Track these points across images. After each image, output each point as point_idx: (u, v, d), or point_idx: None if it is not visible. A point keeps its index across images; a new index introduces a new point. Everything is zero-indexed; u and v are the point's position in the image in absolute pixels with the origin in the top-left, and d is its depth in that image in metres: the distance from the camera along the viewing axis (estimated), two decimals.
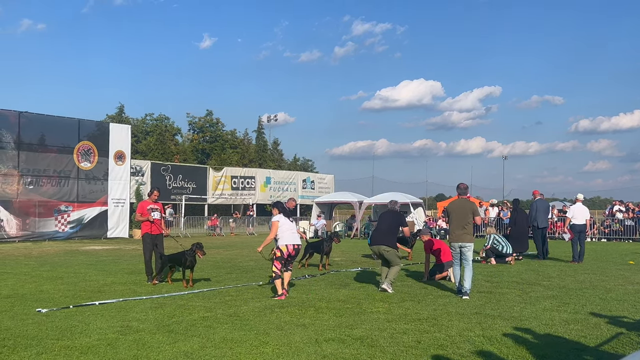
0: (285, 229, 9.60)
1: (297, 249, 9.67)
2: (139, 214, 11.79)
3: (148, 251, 11.64)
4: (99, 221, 27.78)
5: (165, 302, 9.08)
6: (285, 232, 9.59)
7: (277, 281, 9.57)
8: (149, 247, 11.64)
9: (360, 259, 16.90)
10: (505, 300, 9.30)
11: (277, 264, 9.61)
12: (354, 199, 31.21)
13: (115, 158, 28.63)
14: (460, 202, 9.78)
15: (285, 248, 9.55)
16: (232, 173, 43.48)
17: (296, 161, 65.89)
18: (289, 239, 9.58)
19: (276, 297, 9.43)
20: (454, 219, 9.65)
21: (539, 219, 17.10)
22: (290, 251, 9.57)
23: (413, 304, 8.94)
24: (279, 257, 9.60)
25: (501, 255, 15.31)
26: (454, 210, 9.65)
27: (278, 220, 9.64)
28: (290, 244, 9.57)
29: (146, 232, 11.65)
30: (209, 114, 58.80)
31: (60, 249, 20.96)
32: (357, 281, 11.62)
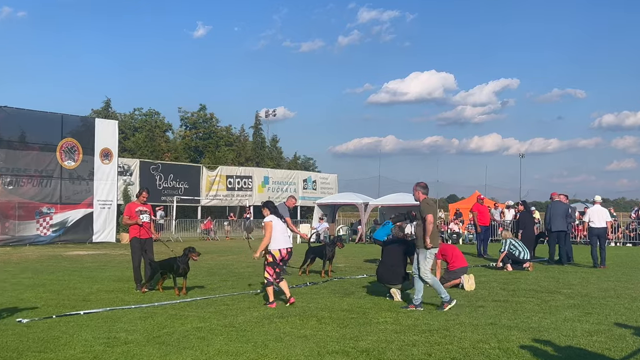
0: (277, 231, 9.61)
1: (291, 252, 9.73)
2: (126, 216, 11.81)
3: (137, 257, 11.66)
4: (83, 224, 27.82)
5: (156, 311, 9.08)
6: (277, 234, 9.60)
7: (269, 288, 9.62)
8: (137, 252, 11.65)
9: (365, 265, 16.90)
10: (522, 309, 9.29)
11: (270, 270, 9.64)
12: (358, 200, 31.22)
13: (101, 156, 28.68)
14: (433, 202, 9.78)
15: (279, 253, 9.55)
16: (227, 172, 43.50)
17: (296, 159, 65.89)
18: (281, 242, 9.60)
19: (268, 304, 9.50)
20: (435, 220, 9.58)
21: (553, 222, 17.11)
22: (283, 255, 9.59)
23: (423, 313, 8.94)
24: (271, 262, 9.62)
25: (518, 261, 15.30)
26: (435, 212, 9.58)
27: (271, 221, 9.65)
28: (283, 248, 9.58)
29: (134, 237, 11.66)
30: (203, 109, 58.86)
31: (42, 254, 20.99)
32: (362, 289, 11.62)
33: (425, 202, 9.50)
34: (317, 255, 14.44)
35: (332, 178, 52.41)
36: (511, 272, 14.86)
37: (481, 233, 20.36)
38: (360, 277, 13.75)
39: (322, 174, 54.47)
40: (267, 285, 9.64)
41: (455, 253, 12.23)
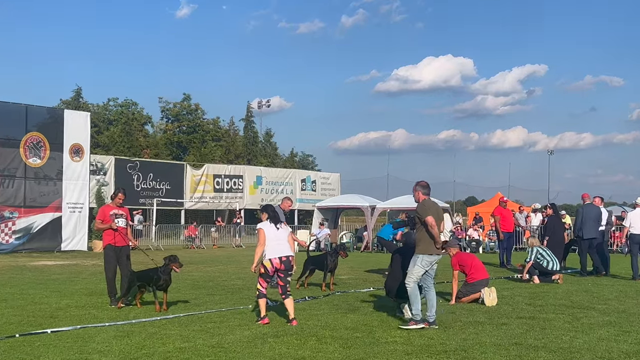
0: (270, 239, 9.62)
1: (287, 261, 9.62)
2: (99, 220, 11.81)
3: (111, 267, 11.65)
4: (51, 230, 27.82)
5: (133, 329, 9.08)
6: (269, 242, 9.61)
7: (261, 301, 9.65)
8: (112, 262, 11.65)
9: (372, 277, 16.90)
10: (551, 327, 9.29)
11: (262, 282, 9.68)
12: (364, 203, 31.23)
13: (71, 153, 28.69)
14: (435, 204, 9.69)
15: (270, 263, 9.54)
16: (214, 171, 43.53)
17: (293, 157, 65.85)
18: (273, 251, 9.58)
19: (259, 320, 9.53)
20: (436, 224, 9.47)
21: (585, 229, 17.11)
22: (276, 266, 9.55)
23: (438, 332, 8.94)
24: (263, 273, 9.64)
25: (546, 273, 15.30)
26: (435, 214, 9.48)
27: (262, 228, 9.69)
28: (275, 257, 9.55)
29: (109, 244, 11.66)
30: (186, 99, 58.81)
31: (3, 264, 20.99)
32: (368, 304, 11.62)
33: (422, 204, 9.46)
34: (316, 266, 14.43)
35: (334, 178, 52.43)
36: (538, 284, 14.86)
37: (504, 240, 20.36)
38: (366, 291, 13.74)
39: (323, 173, 54.49)
40: (258, 297, 9.69)
41: (475, 263, 12.23)
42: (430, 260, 9.34)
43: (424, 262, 9.32)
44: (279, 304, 11.35)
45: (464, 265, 12.17)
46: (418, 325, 9.08)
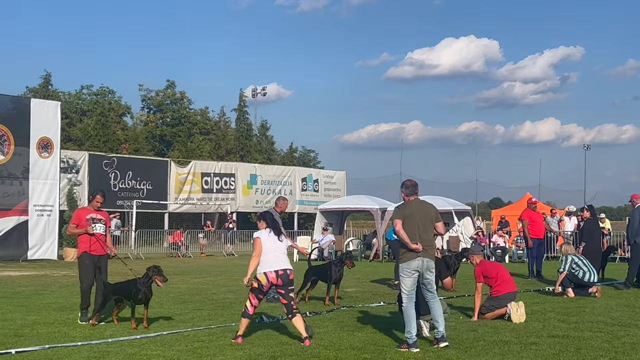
0: (266, 250, 9.63)
1: (285, 275, 9.61)
2: (73, 225, 11.81)
3: (87, 277, 11.62)
4: (16, 236, 27.84)
5: (109, 350, 9.08)
6: (266, 254, 9.62)
7: (244, 320, 9.72)
8: (88, 271, 11.62)
9: (382, 290, 16.89)
10: (587, 347, 9.28)
11: (253, 298, 9.72)
12: (374, 205, 31.22)
13: (38, 148, 28.71)
14: (418, 205, 9.69)
15: (265, 277, 9.54)
16: (202, 169, 43.58)
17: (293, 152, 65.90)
18: (270, 263, 9.59)
19: (234, 339, 9.61)
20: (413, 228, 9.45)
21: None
22: (272, 280, 9.54)
23: (458, 352, 8.93)
24: (256, 289, 9.66)
25: (582, 285, 15.28)
26: (411, 217, 9.51)
27: (259, 237, 9.70)
28: (271, 271, 9.55)
29: (85, 251, 11.65)
30: (170, 86, 58.89)
31: None
32: (378, 321, 11.62)
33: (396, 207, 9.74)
34: (319, 277, 14.42)
35: (340, 176, 52.47)
36: (573, 298, 14.84)
37: (533, 248, 20.33)
38: (375, 306, 13.74)
39: (327, 170, 54.53)
40: (243, 315, 9.75)
41: (501, 274, 12.20)
42: (411, 268, 9.33)
43: (405, 272, 9.37)
44: (276, 320, 11.36)
45: (488, 277, 12.14)
46: (411, 350, 9.00)
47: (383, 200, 32.33)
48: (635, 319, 11.81)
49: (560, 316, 12.16)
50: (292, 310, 9.65)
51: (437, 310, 9.44)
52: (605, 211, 51.01)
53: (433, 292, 9.52)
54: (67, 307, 13.36)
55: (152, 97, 58.48)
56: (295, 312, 9.68)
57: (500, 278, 12.10)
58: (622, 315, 12.34)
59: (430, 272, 9.44)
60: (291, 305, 9.69)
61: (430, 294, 9.51)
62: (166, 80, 60.44)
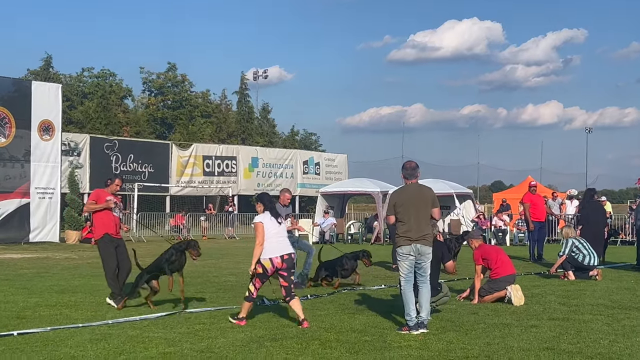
0: (269, 236, 9.61)
1: (289, 259, 9.64)
2: (91, 201, 11.72)
3: (112, 260, 11.47)
4: (17, 219, 27.87)
5: (111, 332, 9.10)
6: (268, 239, 9.60)
7: (247, 304, 9.73)
8: (111, 253, 11.48)
9: (383, 273, 16.92)
10: (588, 330, 9.29)
11: (257, 282, 9.72)
12: (375, 188, 31.23)
13: (40, 130, 28.68)
14: (415, 189, 9.66)
15: (270, 263, 9.54)
16: (204, 152, 43.54)
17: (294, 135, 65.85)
18: (275, 249, 9.59)
19: (235, 320, 9.62)
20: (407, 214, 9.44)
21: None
22: (277, 265, 9.54)
23: (458, 335, 8.95)
24: (260, 274, 9.66)
25: (582, 268, 15.30)
26: (405, 202, 9.51)
27: (262, 222, 9.66)
28: (276, 256, 9.55)
29: (106, 233, 11.53)
30: (172, 69, 58.79)
31: None
32: (379, 304, 11.65)
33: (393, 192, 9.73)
34: (330, 272, 14.23)
35: (341, 159, 52.42)
36: (573, 281, 14.86)
37: (534, 231, 20.34)
38: (376, 288, 13.75)
39: (328, 154, 54.48)
40: (246, 298, 9.75)
41: (500, 257, 12.22)
42: (403, 252, 9.34)
43: (400, 255, 9.42)
44: (277, 303, 11.38)
45: (488, 259, 12.15)
46: (412, 332, 9.02)
47: (384, 183, 32.32)
48: (635, 302, 11.83)
49: (561, 299, 12.18)
50: (291, 293, 9.67)
51: (425, 296, 9.40)
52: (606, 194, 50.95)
53: (424, 277, 9.47)
54: (68, 289, 13.38)
55: (153, 79, 58.41)
56: (294, 295, 9.71)
57: (500, 261, 12.11)
58: (623, 298, 12.36)
59: (423, 257, 9.40)
60: (290, 288, 9.70)
61: (421, 278, 9.46)
62: (167, 62, 60.41)
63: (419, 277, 9.47)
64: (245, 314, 9.73)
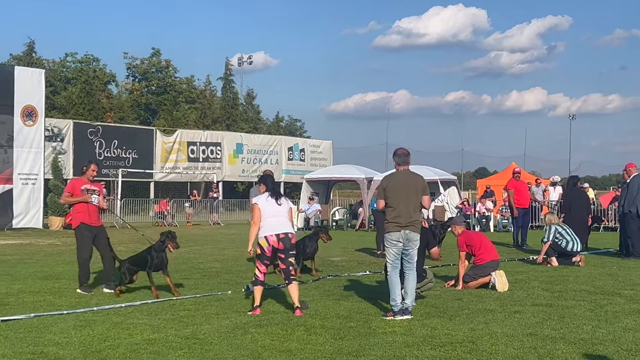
0: (267, 215, 9.59)
1: (286, 239, 9.55)
2: (67, 194, 11.69)
3: (87, 249, 11.51)
4: (0, 205, 27.71)
5: (95, 318, 9.09)
6: (265, 219, 9.58)
7: (256, 288, 9.64)
8: (88, 242, 11.52)
9: (368, 259, 16.96)
10: (571, 316, 9.36)
11: (260, 265, 9.66)
12: (360, 174, 31.24)
13: (22, 116, 28.50)
14: (406, 175, 9.68)
15: (266, 242, 9.50)
16: (188, 138, 43.39)
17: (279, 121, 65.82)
18: (269, 227, 9.54)
19: (251, 311, 9.52)
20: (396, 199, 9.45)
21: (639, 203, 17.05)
22: (273, 244, 9.49)
23: (442, 321, 9.00)
24: (260, 254, 9.63)
25: (566, 254, 15.39)
26: (395, 188, 9.53)
27: (257, 203, 9.67)
28: (271, 235, 9.49)
29: (82, 222, 11.53)
30: (156, 54, 58.51)
31: None
32: (364, 290, 11.68)
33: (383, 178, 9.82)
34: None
35: (326, 145, 52.40)
36: (557, 267, 14.95)
37: (518, 217, 20.43)
38: (361, 275, 13.78)
39: (313, 140, 54.42)
40: (254, 283, 9.70)
41: (484, 243, 12.26)
42: (392, 238, 9.34)
43: (388, 242, 9.41)
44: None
45: (472, 246, 12.20)
46: (396, 317, 9.05)
47: (369, 170, 32.34)
48: (618, 288, 11.91)
49: (544, 285, 12.25)
50: (290, 277, 9.66)
51: (411, 282, 9.43)
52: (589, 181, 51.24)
53: (411, 264, 9.49)
54: (52, 275, 13.34)
55: (137, 65, 58.12)
56: (293, 278, 9.69)
57: (484, 247, 12.16)
58: (605, 284, 12.44)
59: (411, 244, 9.42)
60: (289, 270, 9.68)
61: (408, 264, 9.49)
62: (151, 48, 60.11)
63: (405, 264, 9.48)
64: (259, 301, 9.58)
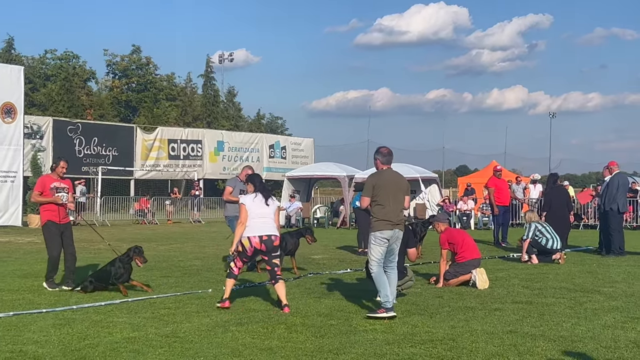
0: (253, 216, 9.63)
1: (269, 241, 9.60)
2: (37, 192, 11.68)
3: (56, 246, 11.54)
4: None
5: (75, 317, 9.05)
6: (251, 219, 9.62)
7: (229, 281, 9.77)
8: (56, 239, 11.55)
9: (349, 257, 16.97)
10: (550, 313, 9.42)
11: (238, 261, 9.76)
12: (341, 172, 31.27)
13: (2, 113, 28.33)
14: (393, 174, 9.63)
15: (248, 242, 9.56)
16: (169, 135, 43.27)
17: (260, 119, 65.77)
18: (253, 228, 9.59)
19: (219, 303, 9.65)
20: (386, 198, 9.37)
21: (620, 201, 17.19)
22: (255, 245, 9.55)
23: (423, 318, 9.02)
24: (241, 252, 9.68)
25: (546, 252, 15.47)
26: (384, 186, 9.44)
27: (244, 203, 9.71)
28: (254, 236, 9.55)
29: (50, 220, 11.55)
30: (136, 51, 58.28)
31: None
32: (345, 288, 11.69)
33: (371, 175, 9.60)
34: None
35: (307, 143, 52.40)
36: (537, 265, 15.02)
37: (499, 215, 20.52)
38: (342, 273, 13.80)
39: (294, 137, 54.45)
40: (228, 275, 9.81)
41: (466, 241, 12.30)
42: (383, 237, 9.29)
43: (378, 240, 9.31)
44: (242, 287, 11.40)
45: (453, 243, 12.22)
46: (388, 314, 9.00)
47: (350, 168, 32.39)
48: (597, 285, 12.00)
49: (524, 282, 12.31)
50: (276, 276, 9.70)
51: (393, 280, 9.44)
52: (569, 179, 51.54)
53: (393, 263, 9.52)
54: (31, 274, 13.26)
55: (117, 62, 57.88)
56: (279, 277, 9.73)
57: (465, 245, 12.19)
58: (585, 281, 12.52)
59: (397, 242, 9.47)
60: (275, 271, 9.73)
61: (390, 264, 9.50)
62: (132, 45, 59.92)
63: (387, 263, 9.48)
64: (228, 294, 9.70)
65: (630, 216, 27.66)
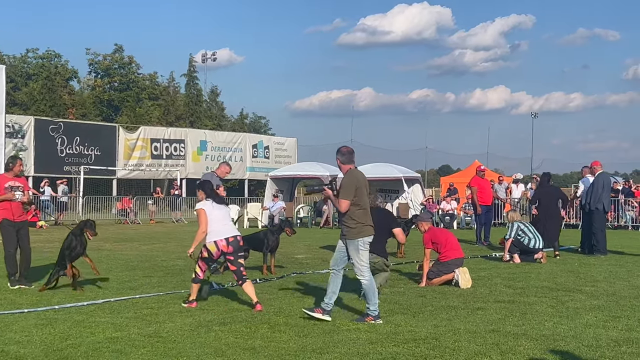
0: (214, 220, 9.65)
1: (235, 242, 9.65)
2: None
3: (12, 243, 11.76)
4: None
5: (57, 317, 9.01)
6: (213, 224, 9.63)
7: (195, 285, 9.86)
8: (12, 237, 11.75)
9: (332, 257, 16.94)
10: (532, 312, 9.46)
11: (202, 265, 9.81)
12: (324, 172, 31.23)
13: None
14: (362, 175, 9.21)
15: (215, 246, 9.58)
16: (152, 135, 43.11)
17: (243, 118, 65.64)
18: (218, 232, 9.63)
19: (186, 303, 9.72)
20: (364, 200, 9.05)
21: (605, 200, 17.26)
22: (222, 249, 9.60)
23: (406, 318, 9.04)
24: (206, 257, 9.73)
25: (528, 251, 15.53)
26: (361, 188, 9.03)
27: (203, 209, 9.70)
28: (221, 239, 9.59)
29: (5, 219, 11.68)
30: (118, 50, 58.00)
31: None
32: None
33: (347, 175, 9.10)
34: (252, 246, 13.51)
35: (290, 143, 52.36)
36: (519, 264, 15.08)
37: (481, 215, 20.58)
38: (325, 272, 13.79)
39: (278, 137, 54.40)
40: (193, 280, 9.87)
41: (449, 240, 12.33)
42: (369, 241, 9.02)
43: (366, 245, 8.98)
44: (225, 287, 11.37)
45: (437, 243, 12.25)
46: (377, 322, 8.75)
47: (334, 167, 32.25)
48: (579, 285, 12.06)
49: (507, 282, 12.36)
50: (242, 277, 9.71)
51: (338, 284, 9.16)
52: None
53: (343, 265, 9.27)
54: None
55: (99, 61, 57.58)
56: (245, 278, 9.74)
57: (449, 244, 12.23)
58: (567, 280, 12.59)
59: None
60: (240, 271, 9.73)
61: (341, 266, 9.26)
62: (114, 44, 59.71)
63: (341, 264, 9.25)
64: (195, 296, 9.81)
65: (612, 215, 27.83)
